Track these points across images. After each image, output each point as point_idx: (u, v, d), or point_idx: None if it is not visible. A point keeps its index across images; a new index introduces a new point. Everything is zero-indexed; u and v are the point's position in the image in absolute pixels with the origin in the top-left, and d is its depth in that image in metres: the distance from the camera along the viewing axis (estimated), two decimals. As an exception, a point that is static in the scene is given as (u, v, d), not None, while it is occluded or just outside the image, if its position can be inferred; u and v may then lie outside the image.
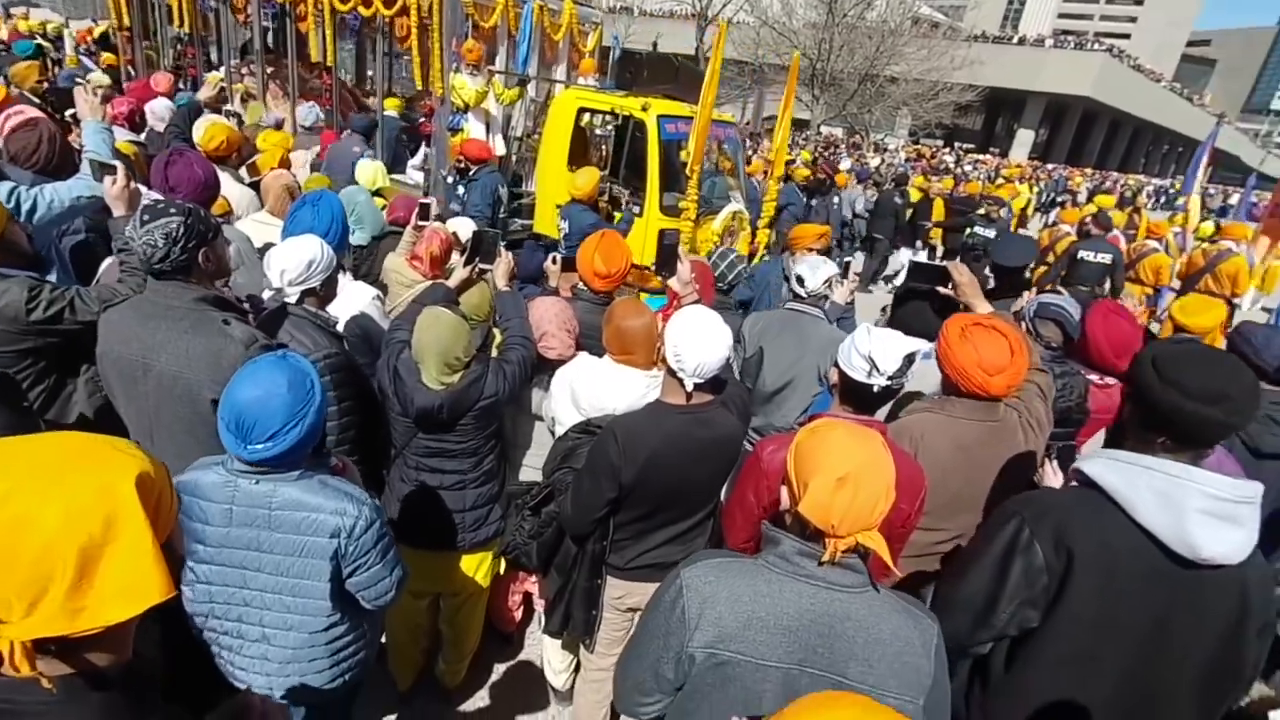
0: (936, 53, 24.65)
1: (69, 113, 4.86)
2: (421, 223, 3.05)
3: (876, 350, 1.69)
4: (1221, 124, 14.38)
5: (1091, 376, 2.59)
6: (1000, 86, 35.43)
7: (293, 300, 2.13)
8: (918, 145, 33.85)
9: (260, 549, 1.54)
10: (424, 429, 2.14)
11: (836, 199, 9.19)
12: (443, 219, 3.79)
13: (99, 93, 2.91)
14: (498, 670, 2.85)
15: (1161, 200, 24.70)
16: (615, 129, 6.32)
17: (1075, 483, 1.43)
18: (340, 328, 2.36)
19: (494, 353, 2.45)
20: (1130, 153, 52.80)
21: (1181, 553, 1.26)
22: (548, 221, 5.70)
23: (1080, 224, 7.10)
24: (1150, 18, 71.94)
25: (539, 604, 2.76)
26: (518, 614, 2.88)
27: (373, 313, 2.74)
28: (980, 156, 34.39)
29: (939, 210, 9.25)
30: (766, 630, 1.19)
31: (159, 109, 5.02)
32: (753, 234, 6.00)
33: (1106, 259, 5.97)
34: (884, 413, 1.95)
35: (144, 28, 8.87)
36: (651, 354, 2.13)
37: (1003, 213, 8.39)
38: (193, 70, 8.85)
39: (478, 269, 2.54)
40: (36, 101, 5.17)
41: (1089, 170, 35.33)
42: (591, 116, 6.59)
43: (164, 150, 3.01)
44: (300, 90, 7.49)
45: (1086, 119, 47.14)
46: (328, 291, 2.23)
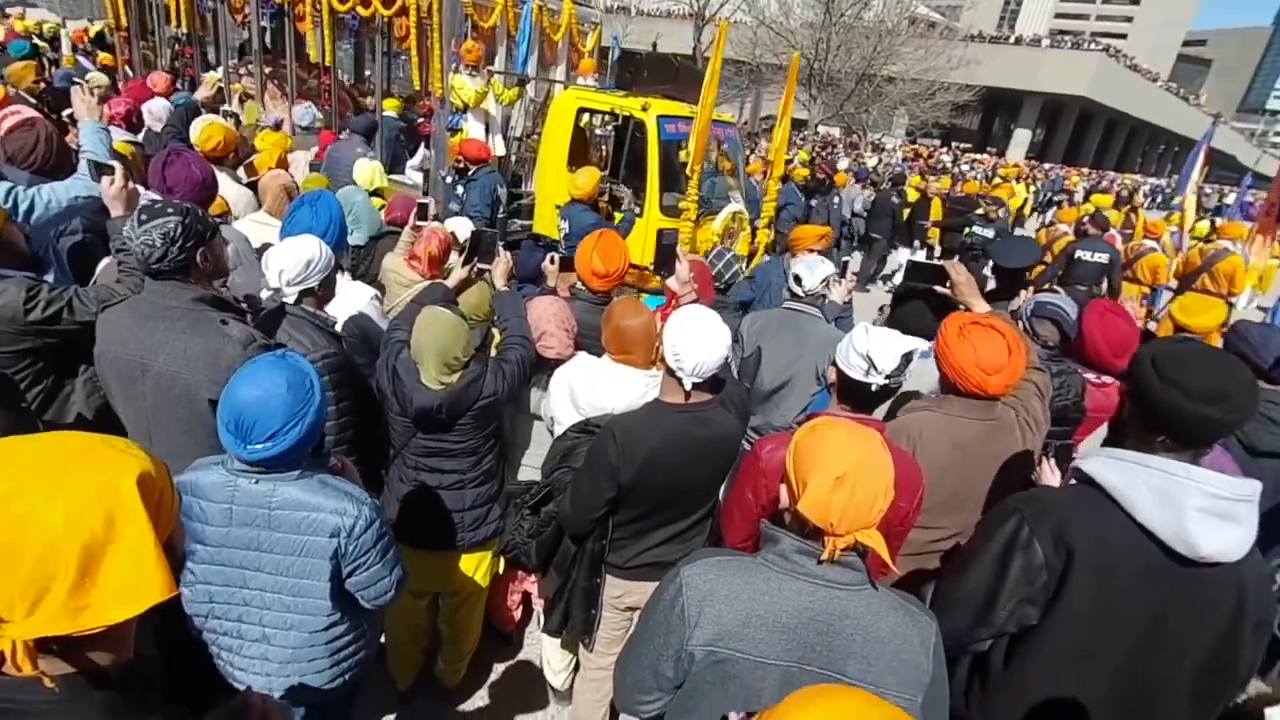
0: (933, 52, 24.64)
1: (66, 113, 4.83)
2: (420, 223, 3.05)
3: (874, 349, 1.70)
4: (1217, 123, 14.43)
5: (1088, 375, 2.60)
6: (997, 86, 35.51)
7: (291, 300, 2.14)
8: (915, 145, 33.83)
9: (260, 549, 1.54)
10: (423, 429, 2.14)
11: (837, 198, 9.19)
12: (440, 219, 3.80)
13: (96, 93, 2.90)
14: (497, 670, 2.86)
15: (1158, 200, 24.75)
16: (615, 129, 6.30)
17: (1074, 480, 1.44)
18: (339, 328, 2.36)
19: (493, 352, 2.45)
20: (1127, 152, 52.88)
21: (1180, 550, 1.26)
22: (547, 222, 5.69)
23: (1077, 223, 7.12)
24: (1146, 17, 72.16)
25: (538, 603, 2.76)
26: (517, 613, 2.88)
27: (371, 313, 2.74)
28: (977, 156, 34.39)
29: (937, 210, 9.25)
30: (766, 628, 1.19)
31: (156, 109, 5.00)
32: (752, 234, 6.01)
33: (1104, 259, 5.98)
34: (882, 411, 1.96)
35: (141, 27, 8.86)
36: (650, 353, 2.13)
37: (1001, 213, 8.40)
38: (190, 70, 8.84)
39: (476, 269, 2.55)
40: (33, 102, 5.15)
41: (1086, 170, 35.30)
42: (591, 116, 6.57)
43: (161, 150, 3.01)
44: (298, 90, 7.47)
45: (1083, 118, 47.20)
46: (326, 291, 2.23)
